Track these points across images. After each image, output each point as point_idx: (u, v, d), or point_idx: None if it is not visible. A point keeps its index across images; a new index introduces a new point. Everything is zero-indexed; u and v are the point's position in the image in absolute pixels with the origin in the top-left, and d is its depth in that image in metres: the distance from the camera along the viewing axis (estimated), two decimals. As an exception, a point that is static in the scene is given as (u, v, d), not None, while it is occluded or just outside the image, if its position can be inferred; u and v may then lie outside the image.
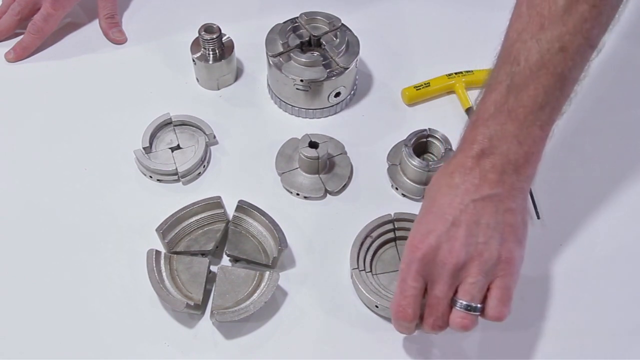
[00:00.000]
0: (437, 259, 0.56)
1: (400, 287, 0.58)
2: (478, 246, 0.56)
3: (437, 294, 0.57)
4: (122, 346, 0.64)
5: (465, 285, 0.56)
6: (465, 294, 0.56)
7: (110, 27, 0.88)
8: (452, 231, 0.56)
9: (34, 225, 0.72)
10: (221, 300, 0.65)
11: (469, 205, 0.56)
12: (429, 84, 0.82)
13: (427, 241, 0.56)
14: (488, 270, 0.56)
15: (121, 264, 0.69)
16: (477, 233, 0.56)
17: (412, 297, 0.57)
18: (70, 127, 0.80)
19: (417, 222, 0.59)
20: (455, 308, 0.57)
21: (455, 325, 0.57)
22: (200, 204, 0.70)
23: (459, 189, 0.57)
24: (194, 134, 0.78)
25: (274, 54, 0.78)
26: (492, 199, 0.56)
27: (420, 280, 0.57)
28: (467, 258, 0.56)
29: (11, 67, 0.86)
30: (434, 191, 0.59)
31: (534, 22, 0.56)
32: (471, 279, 0.56)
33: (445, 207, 0.57)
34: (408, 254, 0.57)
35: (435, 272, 0.57)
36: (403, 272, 0.58)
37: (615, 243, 0.71)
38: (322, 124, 0.81)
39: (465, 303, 0.56)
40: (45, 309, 0.66)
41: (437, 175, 0.60)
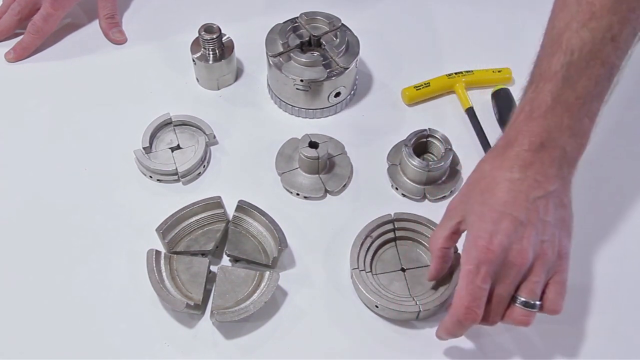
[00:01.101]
0: (506, 260, 0.56)
1: (469, 288, 0.56)
2: (543, 245, 0.56)
3: (501, 293, 0.57)
4: (122, 346, 0.64)
5: (529, 284, 0.57)
6: (529, 293, 0.57)
7: (110, 27, 0.88)
8: (520, 231, 0.56)
9: (34, 225, 0.72)
10: (221, 300, 0.65)
11: (534, 203, 0.56)
12: (429, 84, 0.82)
13: (496, 242, 0.55)
14: (550, 268, 0.57)
15: (121, 264, 0.69)
16: (542, 231, 0.56)
17: (482, 300, 0.57)
18: (70, 127, 0.80)
19: (478, 218, 0.57)
20: (516, 305, 0.57)
21: (517, 322, 0.58)
22: (200, 204, 0.70)
23: (522, 184, 0.56)
24: (194, 134, 0.78)
25: (274, 54, 0.78)
26: (552, 195, 0.57)
27: (490, 282, 0.56)
28: (534, 258, 0.56)
29: (11, 67, 0.86)
30: (490, 184, 0.57)
31: (584, 11, 0.56)
32: (535, 278, 0.56)
33: (510, 205, 0.56)
34: (478, 255, 0.56)
35: (502, 273, 0.56)
36: (471, 273, 0.56)
37: (615, 243, 0.71)
38: (322, 124, 0.81)
39: (525, 300, 0.57)
40: (45, 309, 0.66)
41: (490, 167, 0.58)
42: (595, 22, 0.56)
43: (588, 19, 0.56)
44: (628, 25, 0.56)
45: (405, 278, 0.68)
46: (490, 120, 0.81)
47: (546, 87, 0.57)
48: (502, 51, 0.87)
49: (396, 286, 0.67)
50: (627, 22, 0.56)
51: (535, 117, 0.57)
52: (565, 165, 0.57)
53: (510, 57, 0.85)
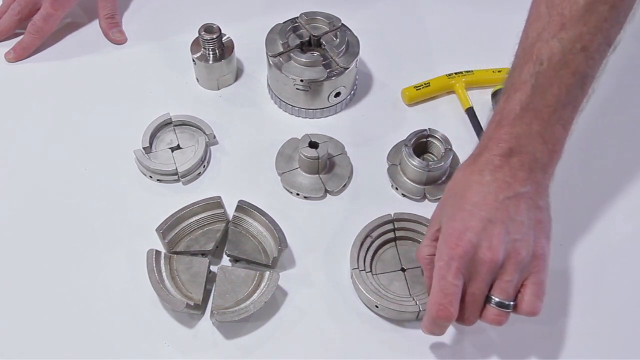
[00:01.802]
0: (476, 257, 0.56)
1: (440, 285, 0.57)
2: (515, 243, 0.56)
3: (474, 292, 0.57)
4: (122, 346, 0.64)
5: (502, 283, 0.57)
6: (502, 292, 0.57)
7: (110, 27, 0.88)
8: (489, 228, 0.56)
9: (34, 225, 0.72)
10: (221, 300, 0.65)
11: (503, 203, 0.57)
12: (429, 84, 0.82)
13: (465, 238, 0.56)
14: (523, 267, 0.57)
15: (121, 264, 0.69)
16: (513, 230, 0.57)
17: (454, 295, 0.57)
18: (70, 127, 0.80)
19: (449, 219, 0.58)
20: (490, 305, 0.58)
21: (490, 321, 0.58)
22: (200, 204, 0.70)
23: (491, 186, 0.57)
24: (194, 134, 0.78)
25: (274, 54, 0.78)
26: (523, 196, 0.57)
27: (461, 278, 0.57)
28: (505, 255, 0.56)
29: (11, 67, 0.86)
30: (463, 188, 0.59)
31: (555, 21, 0.57)
32: (507, 277, 0.57)
33: (480, 205, 0.57)
34: (447, 251, 0.57)
35: (473, 270, 0.57)
36: (442, 269, 0.57)
37: (615, 243, 0.71)
38: (322, 124, 0.81)
39: (499, 300, 0.57)
40: (45, 309, 0.66)
41: (463, 173, 0.60)
42: (565, 32, 0.56)
43: (558, 29, 0.57)
44: (599, 35, 0.56)
45: (405, 278, 0.68)
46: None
47: (516, 96, 0.58)
48: (502, 51, 0.86)
49: (396, 286, 0.67)
50: (599, 32, 0.56)
51: (503, 125, 0.58)
52: (536, 170, 0.58)
53: (510, 57, 0.84)
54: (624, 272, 0.69)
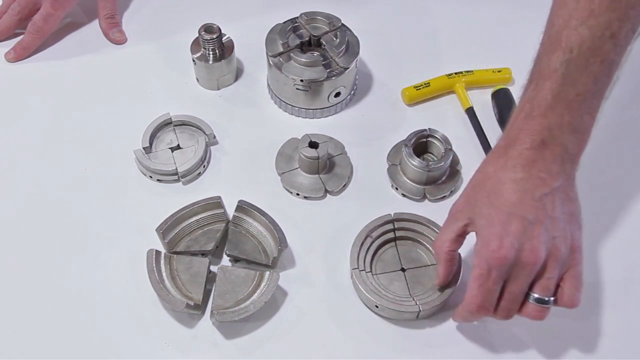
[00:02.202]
0: (518, 260, 0.56)
1: (481, 290, 0.57)
2: (554, 241, 0.57)
3: (514, 291, 0.57)
4: (122, 346, 0.64)
5: (543, 281, 0.57)
6: (543, 290, 0.57)
7: (110, 27, 0.88)
8: (529, 230, 0.56)
9: (34, 225, 0.72)
10: (221, 300, 0.65)
11: (541, 201, 0.56)
12: (429, 84, 0.82)
13: (507, 243, 0.56)
14: (563, 263, 0.57)
15: (121, 264, 0.69)
16: (551, 228, 0.57)
17: (493, 298, 0.58)
18: (70, 127, 0.80)
19: (487, 222, 0.57)
20: (530, 301, 0.58)
21: (532, 317, 0.59)
22: (200, 204, 0.70)
23: (526, 184, 0.57)
24: (194, 134, 0.78)
25: (274, 54, 0.78)
26: (558, 191, 0.57)
27: (501, 283, 0.57)
28: (546, 255, 0.56)
29: (11, 67, 0.86)
30: (496, 185, 0.58)
31: (583, 8, 0.56)
32: (549, 275, 0.57)
33: (517, 205, 0.56)
34: (489, 258, 0.56)
35: (515, 272, 0.57)
36: (483, 277, 0.57)
37: (616, 243, 0.71)
38: (322, 124, 0.81)
39: (539, 297, 0.58)
40: (45, 308, 0.66)
41: (494, 168, 0.59)
42: (594, 19, 0.56)
43: (587, 16, 0.56)
44: (627, 22, 0.56)
45: (405, 278, 0.68)
46: (490, 120, 0.81)
47: (546, 85, 0.57)
48: (502, 51, 0.87)
49: (396, 286, 0.67)
50: (627, 19, 0.56)
51: (535, 116, 0.57)
52: (567, 161, 0.58)
53: (510, 57, 0.85)
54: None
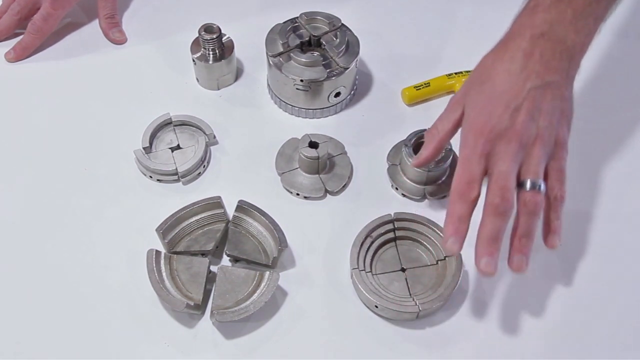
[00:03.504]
0: (502, 138, 0.58)
1: (465, 166, 0.59)
2: (540, 129, 0.58)
3: (503, 169, 0.58)
4: (122, 346, 0.64)
5: (530, 166, 0.58)
6: (533, 173, 0.58)
7: (110, 27, 0.88)
8: (515, 116, 0.58)
9: (34, 225, 0.72)
10: (221, 300, 0.65)
11: (530, 92, 0.58)
12: (429, 84, 0.82)
13: (491, 124, 0.58)
14: (548, 152, 0.58)
15: (121, 264, 0.69)
16: (538, 118, 0.58)
17: (478, 175, 0.59)
18: (70, 127, 0.80)
19: (475, 106, 0.60)
20: (523, 190, 0.58)
21: (529, 205, 0.58)
22: (200, 204, 0.70)
23: (519, 75, 0.58)
24: (194, 134, 0.78)
25: (274, 54, 0.78)
26: (550, 85, 0.58)
27: (484, 162, 0.58)
28: (530, 138, 0.58)
29: (11, 67, 0.86)
30: (490, 75, 0.60)
31: None
32: (535, 159, 0.58)
33: (507, 93, 0.58)
34: (473, 136, 0.58)
35: (500, 150, 0.58)
36: (467, 154, 0.59)
37: (616, 243, 0.71)
38: (322, 124, 0.81)
39: (532, 181, 0.58)
40: (45, 308, 0.66)
41: (492, 59, 0.61)
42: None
43: None
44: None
45: (405, 278, 0.68)
46: (490, 120, 0.81)
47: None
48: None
49: (396, 286, 0.67)
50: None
51: (538, 11, 0.59)
52: (566, 59, 0.59)
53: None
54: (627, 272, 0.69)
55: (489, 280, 0.68)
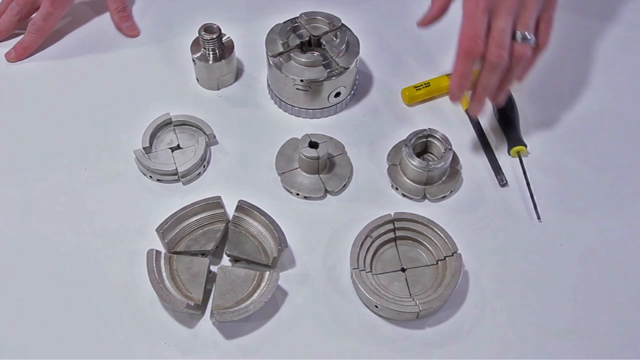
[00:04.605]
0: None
1: (469, 21, 0.65)
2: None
3: (501, 25, 0.64)
4: (123, 346, 0.64)
5: (524, 19, 0.65)
6: (524, 27, 0.65)
7: (122, 21, 0.88)
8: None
9: (34, 225, 0.72)
10: (221, 300, 0.65)
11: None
12: (429, 84, 0.82)
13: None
14: (540, 4, 0.66)
15: (121, 264, 0.69)
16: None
17: (482, 30, 0.64)
18: (70, 127, 0.80)
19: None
20: (515, 41, 0.66)
21: (518, 55, 0.66)
22: (200, 204, 0.70)
23: None
24: (194, 134, 0.78)
25: (274, 54, 0.78)
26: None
27: (487, 16, 0.64)
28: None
29: (11, 67, 0.86)
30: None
31: None
32: (528, 13, 0.65)
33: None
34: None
35: (498, 5, 0.64)
36: (471, 9, 0.64)
37: (616, 243, 0.71)
38: (322, 124, 0.81)
39: (523, 34, 0.65)
40: (45, 308, 0.66)
41: None
42: None
43: None
44: None
45: (405, 278, 0.68)
46: (490, 120, 0.81)
47: None
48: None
49: (396, 286, 0.67)
50: None
51: None
52: None
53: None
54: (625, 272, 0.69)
55: (489, 281, 0.68)
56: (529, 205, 0.73)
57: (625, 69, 0.86)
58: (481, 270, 0.69)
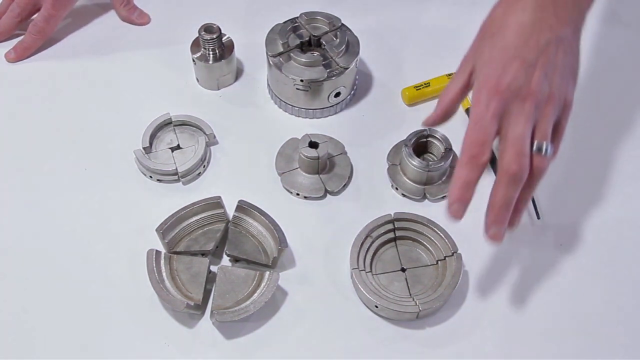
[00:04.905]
0: (518, 97, 0.55)
1: (477, 126, 0.56)
2: (553, 87, 0.56)
3: (519, 132, 0.55)
4: (122, 346, 0.64)
5: (541, 127, 0.56)
6: (542, 135, 0.56)
7: (131, 13, 0.89)
8: (530, 72, 0.55)
9: (34, 225, 0.72)
10: (221, 300, 0.65)
11: (545, 46, 0.56)
12: (429, 84, 0.82)
13: (506, 82, 0.55)
14: (558, 112, 0.57)
15: (121, 264, 0.69)
16: (552, 75, 0.56)
17: (491, 136, 0.56)
18: (71, 127, 0.80)
19: (488, 61, 0.57)
20: (531, 151, 0.56)
21: (535, 167, 0.56)
22: (200, 204, 0.70)
23: (533, 27, 0.56)
24: (194, 134, 0.78)
25: (274, 54, 0.78)
26: (563, 40, 0.56)
27: (497, 122, 0.56)
28: (544, 97, 0.56)
29: (12, 67, 0.86)
30: (502, 27, 0.57)
31: None
32: (546, 120, 0.56)
33: (521, 47, 0.56)
34: (486, 93, 0.56)
35: (515, 111, 0.56)
36: (480, 113, 0.56)
37: (616, 243, 0.71)
38: (322, 124, 0.81)
39: (540, 143, 0.56)
40: (45, 308, 0.66)
41: (503, 10, 0.58)
42: None
43: None
44: None
45: (405, 278, 0.68)
46: (490, 120, 0.81)
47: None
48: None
49: (396, 286, 0.67)
50: None
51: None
52: (576, 10, 0.57)
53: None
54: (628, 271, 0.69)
55: (489, 281, 0.68)
56: (529, 204, 0.73)
57: (627, 68, 0.86)
58: (481, 270, 0.69)
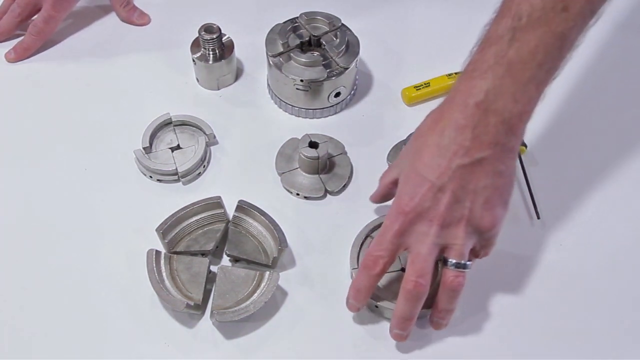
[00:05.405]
0: (424, 219, 0.57)
1: (379, 241, 0.59)
2: (464, 211, 0.57)
3: (421, 252, 0.57)
4: (122, 346, 0.64)
5: (456, 247, 0.58)
6: (456, 254, 0.58)
7: (131, 14, 0.89)
8: (439, 196, 0.56)
9: (34, 225, 0.72)
10: (221, 300, 0.65)
11: (457, 171, 0.56)
12: (429, 84, 0.82)
13: (413, 204, 0.57)
14: (474, 233, 0.58)
15: (121, 264, 0.69)
16: (463, 198, 0.56)
17: (388, 252, 0.58)
18: (71, 127, 0.80)
19: (404, 179, 0.59)
20: (447, 267, 0.58)
21: (449, 283, 0.58)
22: (200, 204, 0.70)
23: (448, 151, 0.56)
24: (194, 134, 0.78)
25: (274, 54, 0.78)
26: (481, 162, 0.56)
27: (399, 240, 0.58)
28: (453, 220, 0.57)
29: (12, 67, 0.86)
30: (422, 146, 0.58)
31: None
32: (460, 241, 0.57)
33: (432, 170, 0.57)
34: (394, 212, 0.58)
35: (420, 231, 0.57)
36: (385, 229, 0.59)
37: (616, 243, 0.71)
38: (322, 124, 0.81)
39: (456, 262, 0.58)
40: (45, 309, 0.66)
41: (426, 128, 0.59)
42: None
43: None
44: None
45: (405, 278, 0.68)
46: (490, 120, 0.80)
47: (491, 49, 0.56)
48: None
49: (396, 286, 0.67)
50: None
51: (475, 77, 0.56)
52: (502, 133, 0.56)
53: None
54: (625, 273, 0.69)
55: (489, 281, 0.68)
56: (529, 204, 0.73)
57: (627, 69, 0.86)
58: (481, 270, 0.69)
